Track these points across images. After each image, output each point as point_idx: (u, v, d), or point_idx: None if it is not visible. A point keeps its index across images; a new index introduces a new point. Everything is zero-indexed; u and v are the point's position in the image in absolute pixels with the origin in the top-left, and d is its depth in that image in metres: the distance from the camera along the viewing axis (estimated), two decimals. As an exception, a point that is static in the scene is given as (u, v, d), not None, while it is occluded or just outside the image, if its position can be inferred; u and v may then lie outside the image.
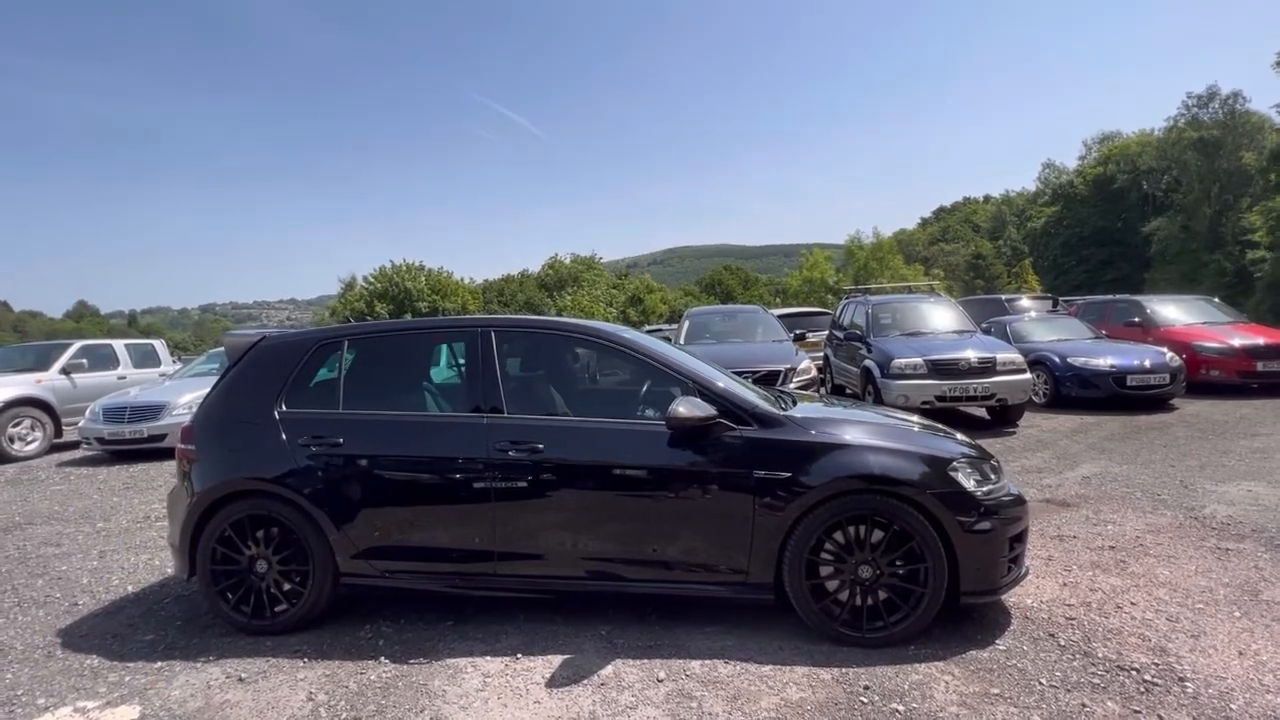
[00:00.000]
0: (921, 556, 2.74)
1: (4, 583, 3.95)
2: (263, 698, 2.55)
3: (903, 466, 2.78)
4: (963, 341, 8.28)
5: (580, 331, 3.18)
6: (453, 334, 3.22)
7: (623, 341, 3.14)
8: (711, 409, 2.82)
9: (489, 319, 3.23)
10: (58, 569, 4.15)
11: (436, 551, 2.99)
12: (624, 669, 2.64)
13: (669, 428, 2.76)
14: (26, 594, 3.76)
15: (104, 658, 2.94)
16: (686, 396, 2.84)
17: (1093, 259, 49.71)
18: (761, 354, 7.98)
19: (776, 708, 2.36)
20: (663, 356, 3.10)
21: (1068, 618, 3.03)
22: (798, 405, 3.38)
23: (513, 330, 3.21)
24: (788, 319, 13.92)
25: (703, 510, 2.84)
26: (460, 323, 3.25)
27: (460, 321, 3.24)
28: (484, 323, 3.20)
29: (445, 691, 2.53)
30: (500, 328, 3.19)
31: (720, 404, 2.91)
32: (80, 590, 3.81)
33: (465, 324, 3.23)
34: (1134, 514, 4.57)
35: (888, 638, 2.75)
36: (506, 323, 3.22)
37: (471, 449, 2.95)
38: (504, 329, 3.19)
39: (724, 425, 2.85)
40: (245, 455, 3.11)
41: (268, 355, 3.30)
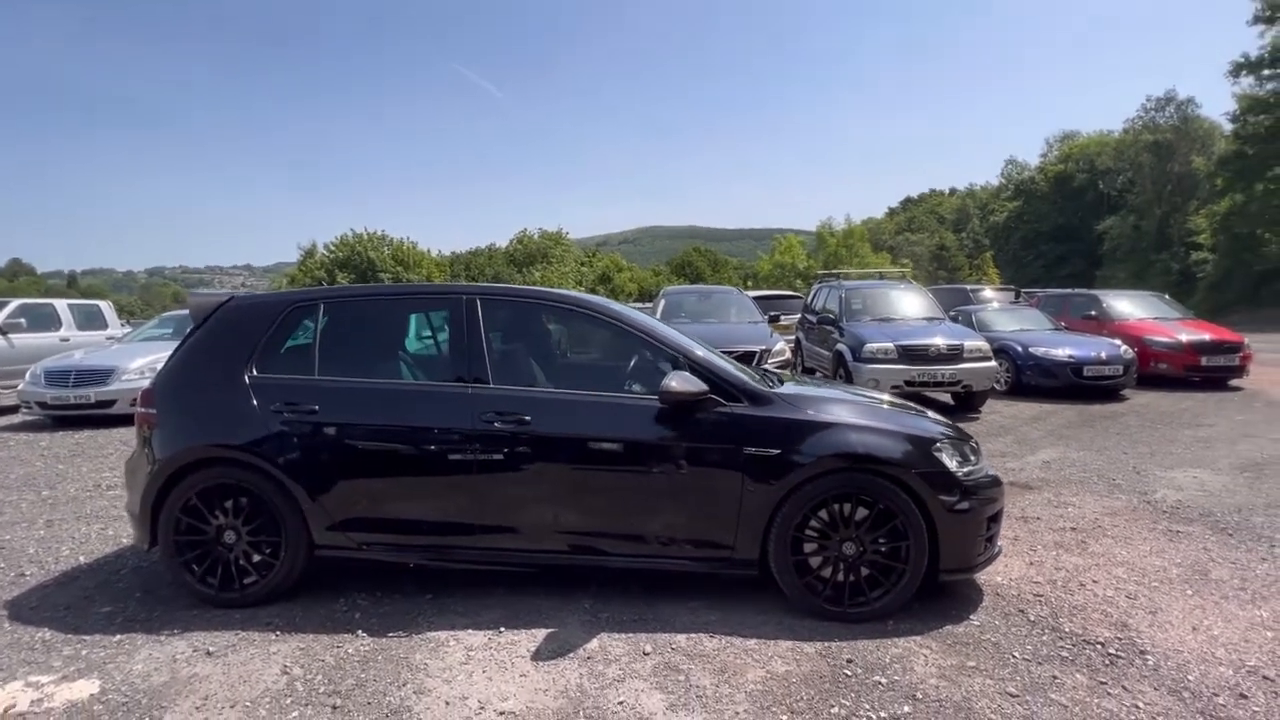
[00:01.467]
0: (904, 534, 2.79)
1: None
2: (234, 671, 2.45)
3: (889, 446, 2.81)
4: (932, 328, 8.45)
5: (568, 302, 3.10)
6: (437, 301, 3.10)
7: (612, 314, 3.08)
8: (703, 384, 2.80)
9: (475, 287, 3.12)
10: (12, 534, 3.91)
11: (416, 523, 2.91)
12: (609, 642, 2.63)
13: (662, 402, 2.73)
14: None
15: (57, 630, 2.79)
16: (679, 371, 2.80)
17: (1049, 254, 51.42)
18: (737, 334, 8.00)
19: (763, 680, 2.38)
20: (653, 330, 3.05)
21: (1035, 595, 3.15)
22: (785, 384, 3.39)
23: (499, 299, 3.11)
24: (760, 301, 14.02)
25: (690, 486, 2.83)
26: (445, 290, 3.14)
27: (445, 289, 3.13)
28: (470, 290, 3.09)
29: (427, 665, 2.47)
30: (486, 296, 3.09)
31: (712, 380, 2.88)
32: (27, 560, 3.60)
33: (450, 291, 3.11)
34: (1092, 497, 4.76)
35: (869, 613, 2.80)
36: (493, 291, 3.12)
37: (455, 419, 2.86)
38: (490, 297, 3.09)
39: (715, 401, 2.83)
40: (213, 421, 2.96)
41: (237, 317, 3.13)
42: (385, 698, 2.27)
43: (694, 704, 2.24)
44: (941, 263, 53.42)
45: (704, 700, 2.26)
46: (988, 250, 54.84)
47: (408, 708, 2.21)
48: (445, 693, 2.29)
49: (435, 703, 2.24)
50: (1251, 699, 2.30)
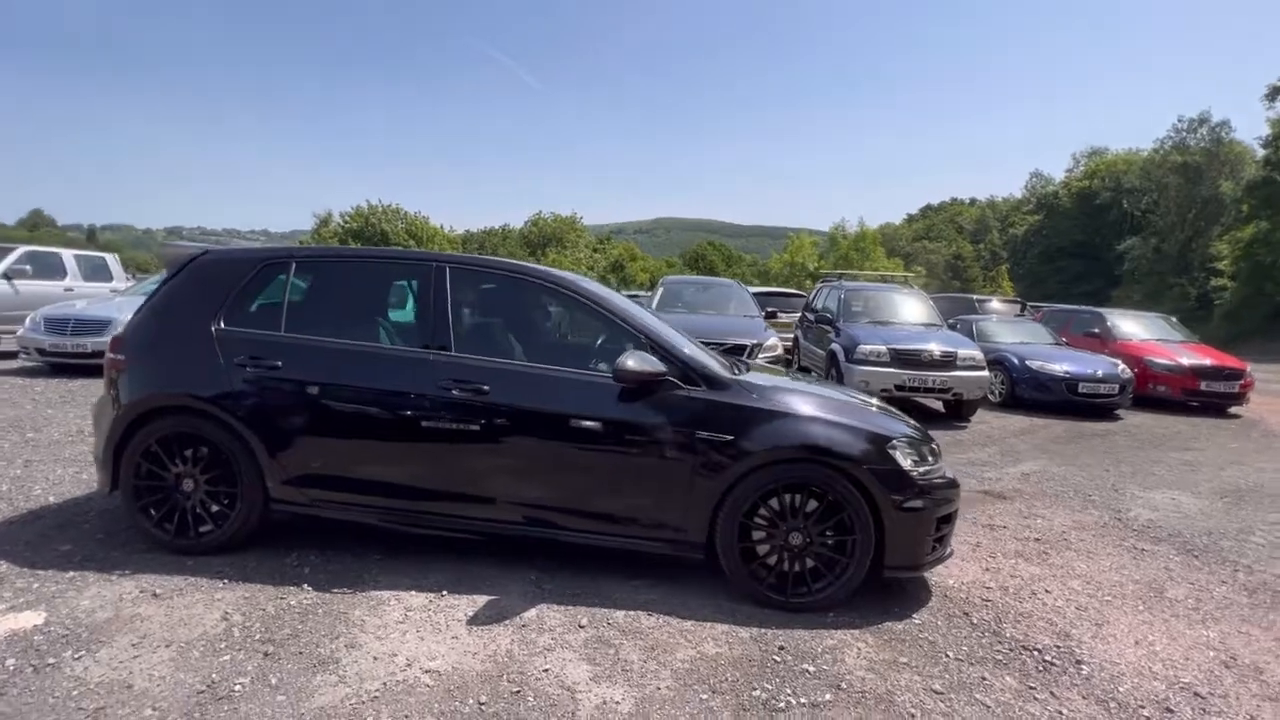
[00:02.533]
0: (851, 528, 2.79)
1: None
2: (176, 614, 2.50)
3: (842, 439, 2.81)
4: (928, 334, 8.39)
5: (539, 277, 3.11)
6: (408, 267, 3.12)
7: (582, 291, 3.09)
8: (662, 366, 2.80)
9: (447, 255, 3.14)
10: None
11: (371, 484, 2.94)
12: (548, 613, 2.66)
13: (616, 379, 2.73)
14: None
15: (14, 564, 2.85)
16: (637, 351, 2.81)
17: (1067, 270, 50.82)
18: (730, 326, 7.98)
19: (692, 660, 2.40)
20: (621, 311, 3.05)
21: (984, 599, 3.15)
22: (750, 372, 3.39)
23: (469, 269, 3.12)
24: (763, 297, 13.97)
25: (643, 466, 2.84)
26: (416, 256, 3.15)
27: (417, 255, 3.14)
28: (440, 258, 3.10)
29: (364, 621, 2.51)
30: (456, 265, 3.10)
31: (670, 362, 2.89)
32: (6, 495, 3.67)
33: (421, 258, 3.13)
34: (1064, 511, 4.74)
35: (810, 604, 2.82)
36: (464, 261, 3.13)
37: (414, 385, 2.89)
38: (460, 267, 3.11)
39: (672, 383, 2.84)
40: (177, 370, 3.00)
41: (210, 270, 3.16)
42: (317, 649, 2.31)
43: (618, 677, 2.26)
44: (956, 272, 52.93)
45: (629, 674, 2.28)
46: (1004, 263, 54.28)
47: (336, 659, 2.25)
48: (376, 648, 2.33)
49: (364, 657, 2.28)
50: (1177, 713, 2.30)
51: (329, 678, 2.15)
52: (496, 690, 2.14)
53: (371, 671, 2.20)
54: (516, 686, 2.16)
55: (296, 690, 2.08)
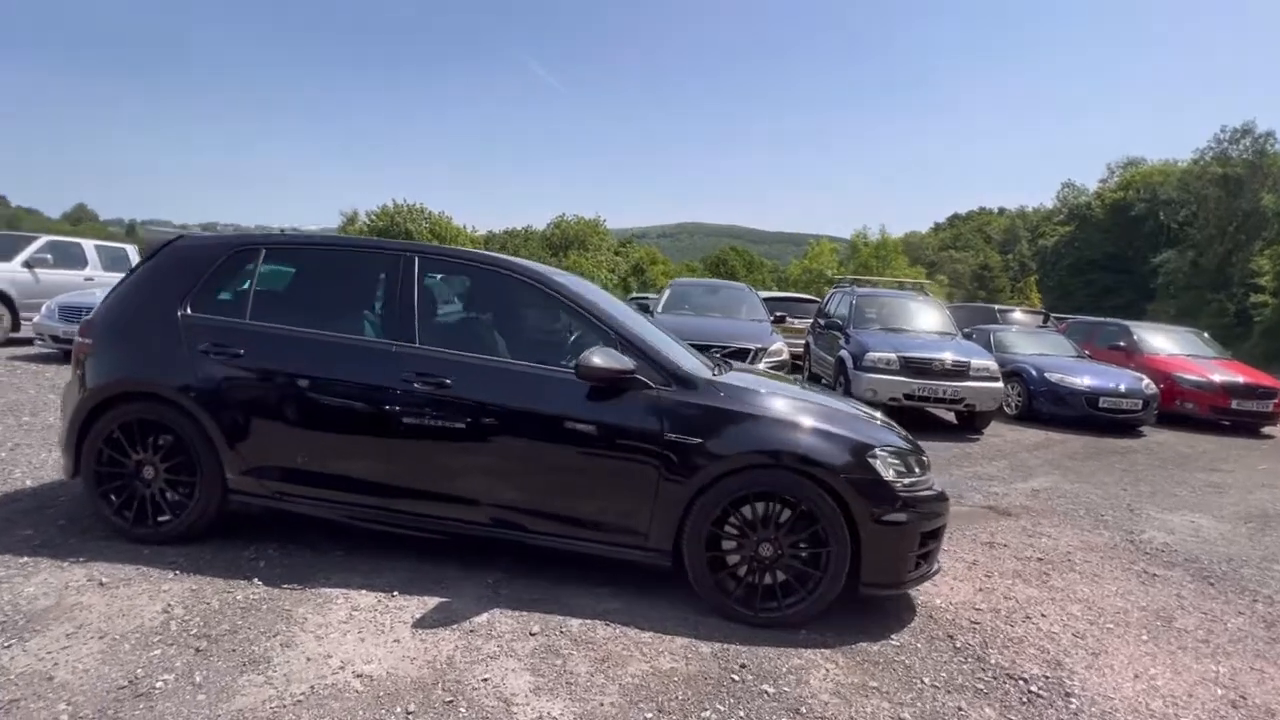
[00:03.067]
0: (825, 541, 2.63)
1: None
2: (117, 604, 2.44)
3: (817, 446, 2.65)
4: (941, 343, 8.13)
5: (509, 269, 3.00)
6: (378, 256, 3.03)
7: (553, 285, 2.97)
8: (629, 363, 2.67)
9: (418, 245, 3.06)
10: (-38, 456, 4.01)
11: (330, 478, 2.86)
12: (499, 618, 2.54)
13: (578, 376, 2.61)
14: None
15: None
16: (604, 348, 2.68)
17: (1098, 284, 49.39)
18: (734, 330, 7.82)
19: (643, 675, 2.26)
20: (592, 306, 2.93)
21: (972, 622, 2.95)
22: (731, 373, 3.24)
23: (439, 260, 3.04)
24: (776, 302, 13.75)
25: (608, 467, 2.71)
26: (387, 245, 3.06)
27: (388, 244, 3.06)
28: (411, 248, 3.02)
29: (307, 619, 2.42)
30: (426, 255, 3.01)
31: (641, 360, 2.76)
32: None
33: (391, 247, 3.05)
34: (1072, 530, 4.49)
35: (780, 619, 2.66)
36: (434, 251, 3.05)
37: (376, 376, 2.80)
38: (430, 257, 3.02)
39: (640, 382, 2.71)
40: (141, 356, 2.96)
41: (181, 255, 3.12)
42: (251, 646, 2.22)
43: (561, 690, 2.13)
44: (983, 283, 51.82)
45: (573, 688, 2.15)
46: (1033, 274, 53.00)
47: (268, 659, 2.16)
48: (312, 649, 2.24)
49: (297, 657, 2.18)
50: (1172, 758, 2.10)
51: (256, 678, 2.06)
52: (428, 699, 2.03)
53: (301, 673, 2.10)
54: (450, 696, 2.05)
55: (219, 690, 1.99)
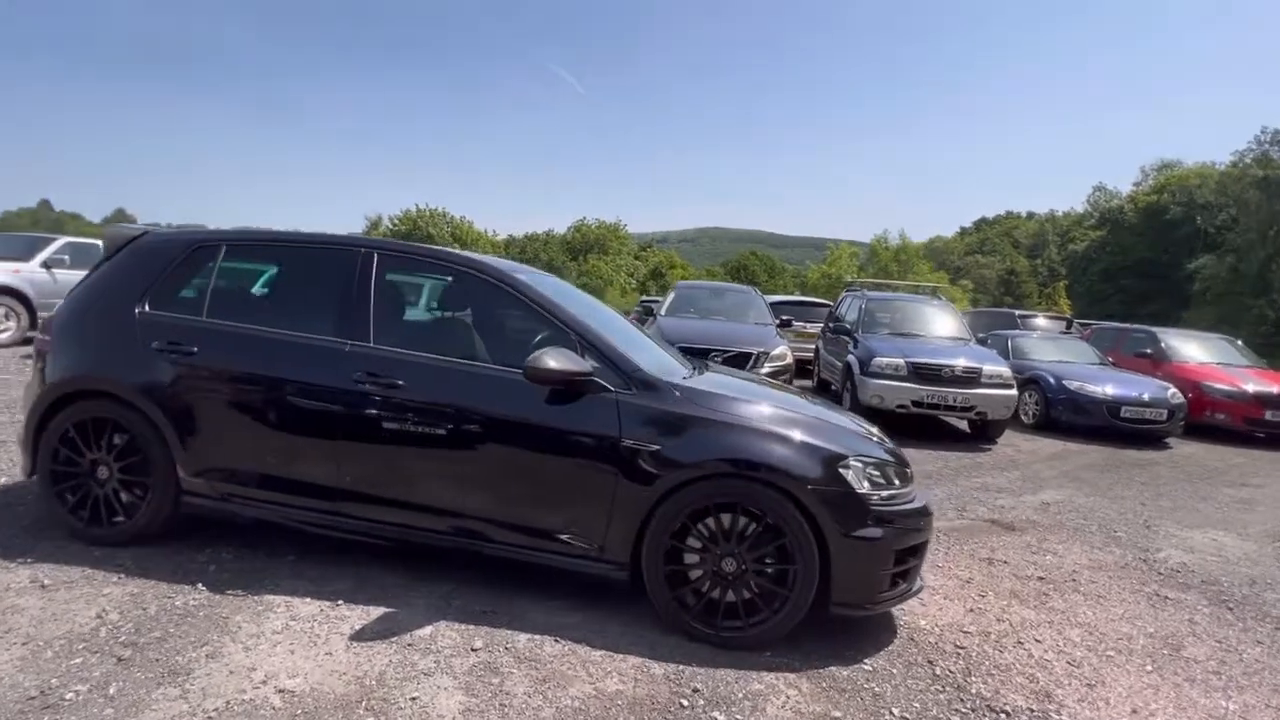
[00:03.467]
0: (791, 556, 2.46)
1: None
2: (53, 608, 2.37)
3: (782, 454, 2.48)
4: (953, 349, 7.85)
5: (468, 265, 2.89)
6: (336, 253, 2.95)
7: (512, 282, 2.85)
8: (585, 365, 2.54)
9: (377, 241, 2.97)
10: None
11: (280, 481, 2.77)
12: (444, 632, 2.42)
13: (526, 378, 2.48)
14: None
15: (-67, 546, 2.79)
16: (558, 348, 2.55)
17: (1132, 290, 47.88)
18: (736, 334, 7.63)
19: (584, 698, 2.12)
20: (552, 305, 2.80)
21: (957, 646, 2.75)
22: (704, 376, 3.10)
23: (398, 256, 2.94)
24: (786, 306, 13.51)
25: (564, 473, 2.58)
26: (346, 241, 2.98)
27: (347, 240, 2.98)
28: (370, 244, 2.93)
29: (241, 628, 2.33)
30: (384, 252, 2.92)
31: (601, 361, 2.63)
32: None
33: (350, 243, 2.96)
34: (1080, 547, 4.23)
35: (743, 639, 2.49)
36: (393, 248, 2.95)
37: (327, 376, 2.71)
38: (389, 253, 2.93)
39: (597, 384, 2.57)
40: (97, 354, 2.91)
41: (142, 252, 3.07)
42: (176, 656, 2.13)
43: (492, 713, 2.00)
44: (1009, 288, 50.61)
45: (506, 710, 2.02)
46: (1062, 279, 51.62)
47: (189, 670, 2.06)
48: (237, 660, 2.14)
49: (220, 669, 2.08)
50: (1163, 808, 1.89)
51: (171, 691, 1.96)
52: (348, 719, 1.91)
53: (220, 687, 2.00)
54: (373, 716, 1.93)
55: (130, 704, 1.89)
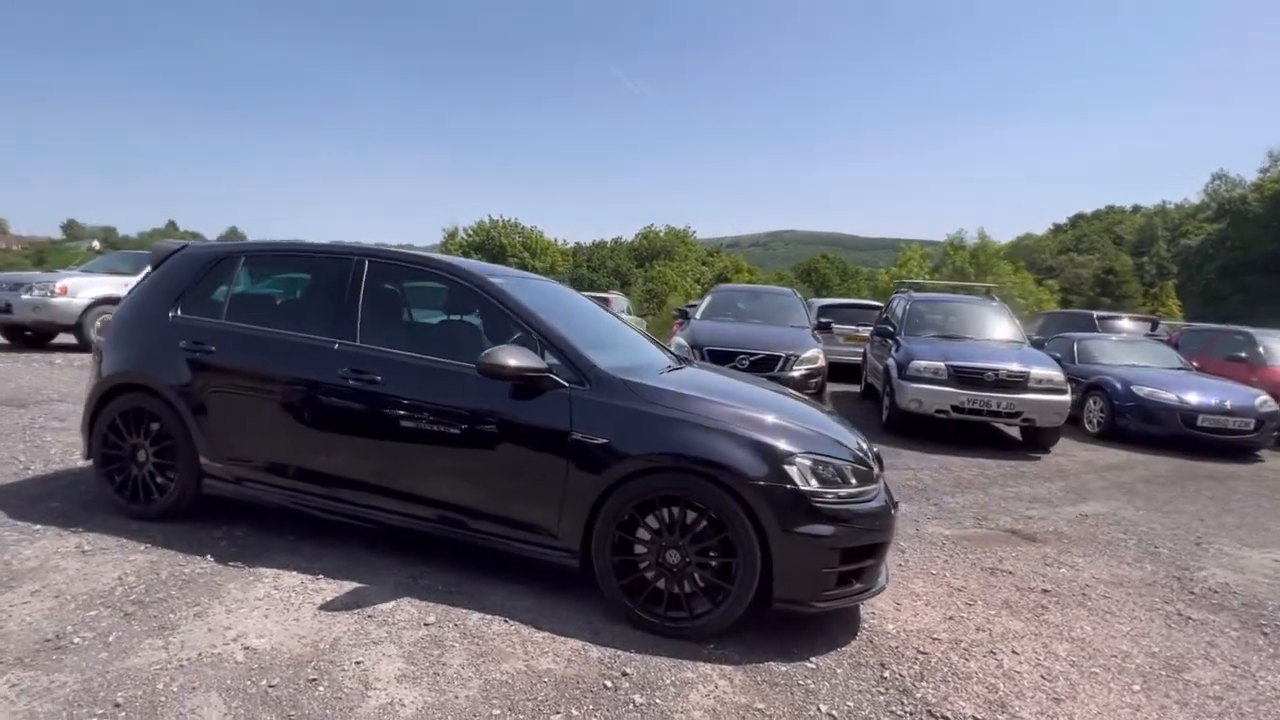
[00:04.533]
0: (733, 551, 2.50)
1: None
2: (86, 570, 2.75)
3: (724, 449, 2.52)
4: (1001, 352, 7.45)
5: (443, 269, 3.12)
6: (334, 260, 3.25)
7: (484, 285, 3.04)
8: (539, 362, 2.68)
9: (368, 249, 3.24)
10: (41, 439, 4.68)
11: (281, 467, 3.08)
12: (404, 607, 2.62)
13: (479, 372, 2.65)
14: (2, 455, 4.27)
15: (7, 515, 3.29)
16: (512, 345, 2.71)
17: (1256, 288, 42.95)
18: (766, 337, 7.57)
19: (514, 673, 2.25)
20: (517, 306, 2.97)
21: (919, 651, 2.68)
22: (676, 374, 3.18)
23: (387, 263, 3.20)
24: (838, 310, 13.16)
25: (521, 465, 2.73)
26: (342, 249, 3.27)
27: (343, 248, 3.27)
28: (362, 252, 3.21)
29: (230, 594, 2.62)
30: (374, 258, 3.19)
31: (559, 358, 2.77)
32: (45, 459, 4.27)
33: (345, 251, 3.25)
34: (1106, 561, 3.95)
35: (687, 629, 2.55)
36: (382, 255, 3.21)
37: (318, 372, 2.99)
38: (378, 259, 3.19)
39: (552, 380, 2.71)
40: (138, 352, 3.34)
41: (180, 263, 3.49)
42: (170, 614, 2.44)
43: (424, 680, 2.17)
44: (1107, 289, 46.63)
45: (438, 679, 2.18)
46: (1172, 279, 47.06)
47: (176, 626, 2.36)
48: (219, 620, 2.42)
49: (202, 627, 2.37)
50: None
51: (156, 642, 2.26)
52: (296, 675, 2.13)
53: (197, 641, 2.28)
54: (316, 675, 2.14)
55: (121, 650, 2.20)
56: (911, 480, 5.53)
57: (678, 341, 7.63)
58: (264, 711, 1.95)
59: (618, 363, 3.04)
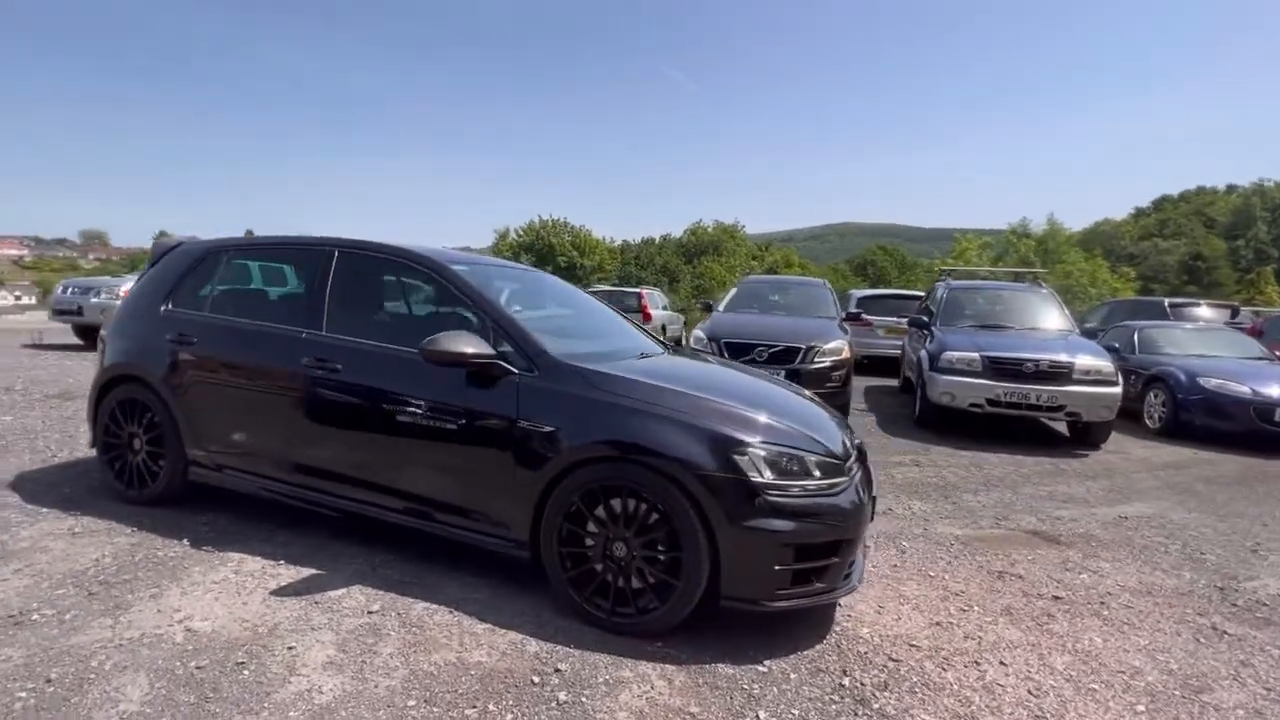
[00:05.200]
0: (680, 544, 2.37)
1: (33, 433, 4.83)
2: (71, 551, 2.88)
3: (669, 438, 2.39)
4: (1045, 341, 6.93)
5: (404, 256, 3.10)
6: (307, 251, 3.29)
7: (443, 271, 3.01)
8: (486, 348, 2.62)
9: (339, 240, 3.26)
10: (75, 430, 4.98)
11: (257, 455, 3.14)
12: (353, 595, 2.62)
13: (421, 357, 2.60)
14: (37, 443, 4.57)
15: (20, 498, 3.49)
16: (460, 331, 2.65)
17: (1372, 272, 38.71)
18: (786, 329, 7.29)
19: (442, 665, 2.20)
20: (473, 292, 2.91)
21: (891, 659, 2.47)
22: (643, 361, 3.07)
23: (354, 252, 3.21)
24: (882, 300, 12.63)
25: (472, 453, 2.68)
26: (315, 241, 3.31)
27: (317, 240, 3.31)
28: (333, 243, 3.24)
29: (190, 576, 2.69)
30: (344, 248, 3.21)
31: (512, 346, 2.70)
32: (71, 448, 4.52)
33: (319, 243, 3.29)
34: (1137, 567, 3.58)
35: (631, 626, 2.44)
36: (351, 245, 3.23)
37: (286, 361, 3.04)
38: (347, 250, 3.22)
39: (501, 367, 2.64)
40: (131, 345, 3.48)
41: (174, 259, 3.63)
42: (128, 595, 2.52)
43: (350, 668, 2.14)
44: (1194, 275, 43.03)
45: (363, 667, 2.15)
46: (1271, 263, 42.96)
47: (129, 604, 2.43)
48: (171, 602, 2.47)
49: (153, 608, 2.43)
50: None
51: (106, 621, 2.32)
52: (226, 658, 2.14)
53: (143, 621, 2.33)
54: (246, 658, 2.15)
55: (72, 628, 2.27)
56: (934, 478, 5.20)
57: (696, 334, 7.47)
58: (184, 692, 1.97)
59: (582, 350, 2.95)
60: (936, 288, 9.59)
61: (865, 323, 12.49)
